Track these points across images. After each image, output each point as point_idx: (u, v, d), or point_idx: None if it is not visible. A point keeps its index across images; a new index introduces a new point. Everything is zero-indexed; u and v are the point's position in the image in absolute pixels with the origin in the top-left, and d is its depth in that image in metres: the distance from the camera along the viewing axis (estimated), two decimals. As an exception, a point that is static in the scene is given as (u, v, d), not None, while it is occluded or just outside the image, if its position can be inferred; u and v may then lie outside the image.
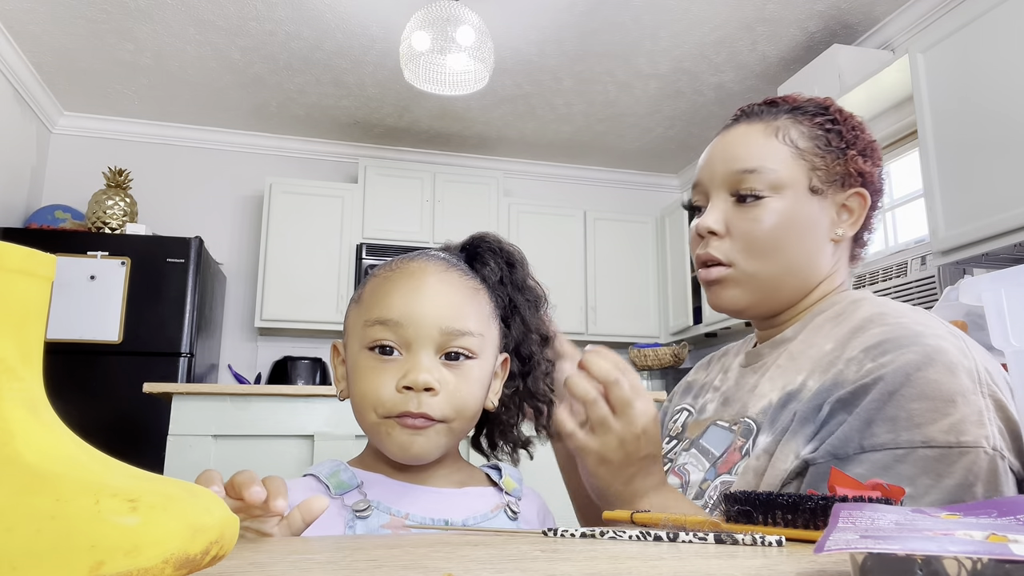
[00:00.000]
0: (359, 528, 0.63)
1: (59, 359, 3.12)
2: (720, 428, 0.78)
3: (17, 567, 0.27)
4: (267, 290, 3.90)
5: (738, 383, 0.82)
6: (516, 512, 0.72)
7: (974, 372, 0.63)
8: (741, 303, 0.79)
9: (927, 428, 0.61)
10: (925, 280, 2.66)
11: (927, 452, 0.60)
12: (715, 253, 0.78)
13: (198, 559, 0.31)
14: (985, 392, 0.62)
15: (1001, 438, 0.61)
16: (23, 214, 3.74)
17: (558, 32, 3.25)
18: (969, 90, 2.41)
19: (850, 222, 0.79)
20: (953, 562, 0.28)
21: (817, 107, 0.81)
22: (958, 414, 0.61)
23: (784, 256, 0.77)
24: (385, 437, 0.64)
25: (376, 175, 4.20)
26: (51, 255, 0.33)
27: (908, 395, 0.62)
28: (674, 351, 4.27)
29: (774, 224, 0.76)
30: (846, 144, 0.79)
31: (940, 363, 0.63)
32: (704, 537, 0.45)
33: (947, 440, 0.60)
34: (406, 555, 0.40)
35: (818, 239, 0.78)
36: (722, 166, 0.79)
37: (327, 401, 1.93)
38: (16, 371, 0.32)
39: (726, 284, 0.79)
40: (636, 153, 4.59)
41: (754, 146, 0.78)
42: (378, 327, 0.64)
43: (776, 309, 0.81)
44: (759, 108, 0.83)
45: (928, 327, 0.66)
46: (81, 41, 3.31)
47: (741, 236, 0.77)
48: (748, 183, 0.77)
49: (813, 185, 0.77)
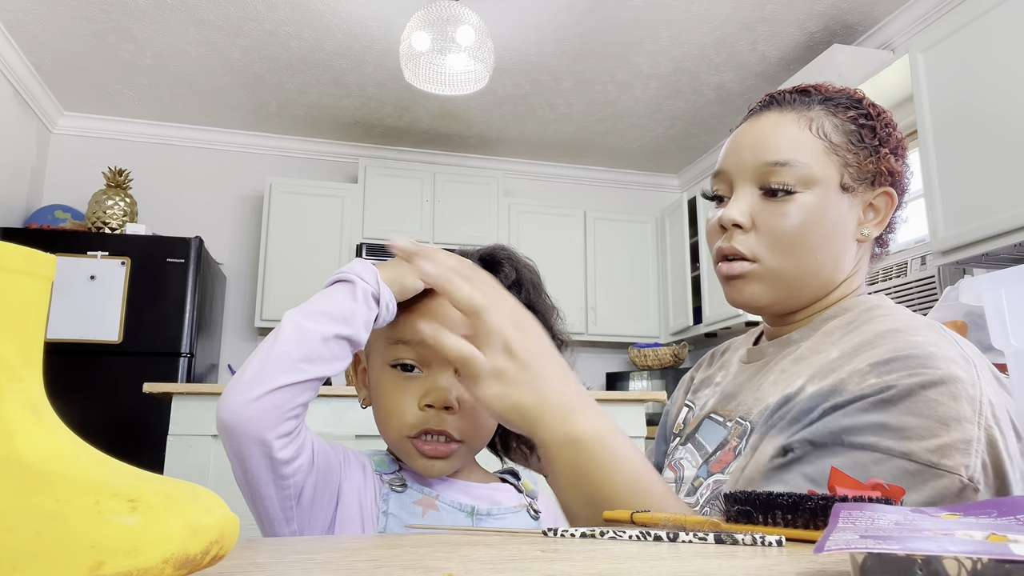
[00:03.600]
0: (392, 502, 0.68)
1: (59, 359, 3.12)
2: (714, 422, 0.77)
3: (17, 567, 0.27)
4: (267, 290, 3.90)
5: (736, 379, 0.81)
6: (538, 512, 0.75)
7: (977, 403, 0.62)
8: (763, 300, 0.76)
9: (912, 443, 0.60)
10: (925, 280, 2.66)
11: (905, 464, 0.59)
12: (739, 247, 0.75)
13: (198, 559, 0.31)
14: (982, 424, 0.61)
15: (982, 473, 0.60)
16: (23, 214, 3.74)
17: (558, 32, 3.25)
18: (969, 90, 2.41)
19: (876, 222, 0.77)
20: (953, 562, 0.28)
21: (850, 100, 0.78)
22: (948, 438, 0.59)
23: (811, 255, 0.74)
24: (408, 457, 0.70)
25: (376, 175, 4.20)
26: (51, 255, 0.33)
27: (904, 408, 0.61)
28: (674, 351, 4.27)
29: (803, 221, 0.73)
30: (879, 142, 0.76)
31: (945, 388, 0.61)
32: (704, 537, 0.45)
33: (928, 459, 0.59)
34: (406, 555, 0.40)
35: (845, 238, 0.75)
36: (751, 156, 0.75)
37: (327, 401, 1.93)
38: (16, 371, 0.32)
39: (749, 280, 0.75)
40: (636, 153, 4.59)
41: (786, 137, 0.74)
42: (400, 346, 0.69)
43: (796, 308, 0.78)
44: (791, 96, 0.79)
45: (941, 349, 0.64)
46: (81, 41, 3.31)
47: (768, 231, 0.74)
48: (779, 176, 0.73)
49: (844, 182, 0.74)
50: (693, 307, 4.18)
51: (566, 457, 0.61)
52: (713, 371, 0.90)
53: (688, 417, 0.86)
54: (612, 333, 4.38)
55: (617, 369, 4.58)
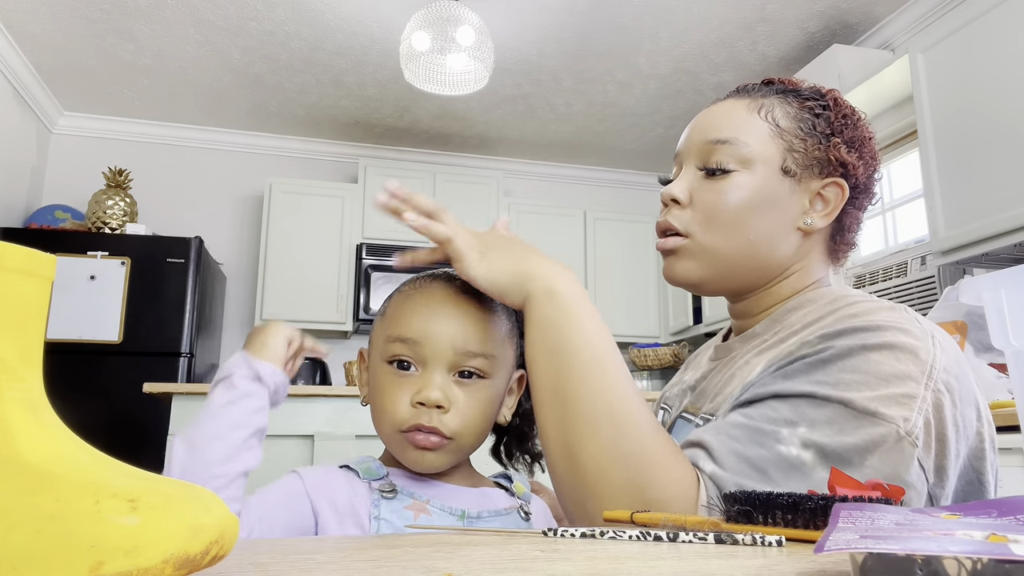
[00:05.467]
0: (384, 508, 0.69)
1: (59, 359, 3.12)
2: (685, 421, 0.78)
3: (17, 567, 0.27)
4: (267, 290, 3.90)
5: (705, 376, 0.81)
6: (528, 513, 0.75)
7: (927, 366, 0.61)
8: (694, 276, 0.76)
9: (850, 392, 0.59)
10: (925, 280, 2.66)
11: (842, 409, 0.59)
12: (673, 222, 0.76)
13: (198, 559, 0.31)
14: (930, 386, 0.60)
15: (923, 431, 0.59)
16: (23, 214, 3.74)
17: (558, 32, 3.25)
18: (969, 90, 2.41)
19: (824, 212, 0.75)
20: (953, 562, 0.28)
21: (812, 92, 0.79)
22: (887, 391, 0.59)
23: (742, 233, 0.74)
24: (399, 450, 0.71)
25: (376, 175, 4.20)
26: (51, 255, 0.33)
27: (842, 366, 0.60)
28: (674, 351, 4.27)
29: (737, 199, 0.73)
30: (832, 131, 0.75)
31: (889, 349, 0.61)
32: (704, 537, 0.45)
33: (865, 407, 0.58)
34: (406, 555, 0.40)
35: (783, 223, 0.74)
36: (698, 136, 0.77)
37: (327, 401, 1.93)
38: (16, 371, 0.32)
39: (680, 255, 0.76)
40: (636, 153, 4.60)
41: (732, 119, 0.76)
42: (397, 343, 0.70)
43: (733, 289, 0.78)
44: (753, 86, 0.80)
45: (897, 323, 0.63)
46: (81, 41, 3.31)
47: (702, 208, 0.75)
48: (717, 155, 0.74)
49: (786, 166, 0.74)
50: (693, 307, 4.19)
51: (543, 311, 0.65)
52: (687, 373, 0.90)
53: (664, 419, 0.86)
54: (612, 333, 4.37)
55: (617, 369, 4.58)
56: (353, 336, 4.23)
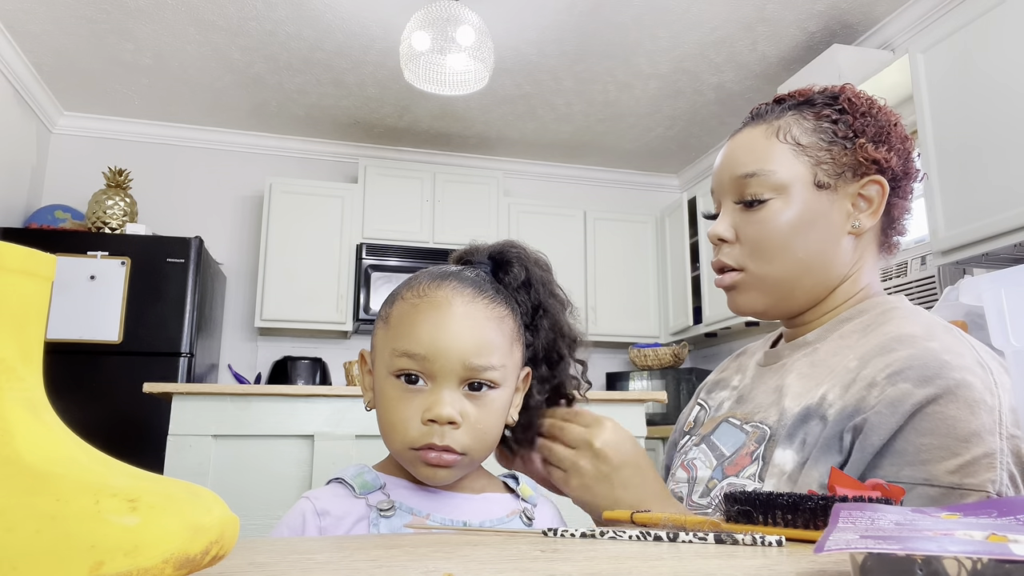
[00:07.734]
0: (383, 526, 0.67)
1: (59, 359, 3.12)
2: (732, 426, 0.78)
3: (17, 567, 0.27)
4: (267, 290, 3.90)
5: (754, 382, 0.82)
6: (531, 519, 0.74)
7: (996, 411, 0.61)
8: (759, 306, 0.79)
9: (932, 466, 0.59)
10: (925, 280, 2.66)
11: (928, 490, 0.58)
12: (726, 259, 0.79)
13: (198, 559, 0.31)
14: (1004, 434, 0.60)
15: (1010, 484, 0.59)
16: (23, 214, 3.74)
17: (558, 32, 3.25)
18: (969, 90, 2.41)
19: (869, 212, 0.77)
20: (953, 562, 0.28)
21: (826, 98, 0.79)
22: (969, 455, 0.59)
23: (792, 255, 0.76)
24: (412, 466, 0.69)
25: (376, 175, 4.20)
26: (51, 255, 0.33)
27: (920, 429, 0.60)
28: (674, 351, 4.27)
29: (779, 225, 0.75)
30: (854, 133, 0.76)
31: (961, 399, 0.60)
32: (704, 537, 0.45)
33: (951, 481, 0.58)
34: (406, 555, 0.40)
35: (830, 234, 0.76)
36: (727, 173, 0.80)
37: (327, 401, 1.93)
38: (16, 371, 0.31)
39: (740, 289, 0.79)
40: (636, 153, 4.59)
41: (754, 150, 0.78)
42: (405, 359, 0.67)
43: (798, 308, 0.80)
44: (766, 108, 0.82)
45: (957, 355, 0.64)
46: (81, 41, 3.31)
47: (748, 241, 0.77)
48: (750, 188, 0.77)
49: (819, 180, 0.76)
50: (693, 307, 4.18)
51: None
52: (729, 373, 0.90)
53: (701, 416, 0.86)
54: (612, 333, 4.37)
55: (617, 369, 4.58)
56: (353, 336, 4.23)
